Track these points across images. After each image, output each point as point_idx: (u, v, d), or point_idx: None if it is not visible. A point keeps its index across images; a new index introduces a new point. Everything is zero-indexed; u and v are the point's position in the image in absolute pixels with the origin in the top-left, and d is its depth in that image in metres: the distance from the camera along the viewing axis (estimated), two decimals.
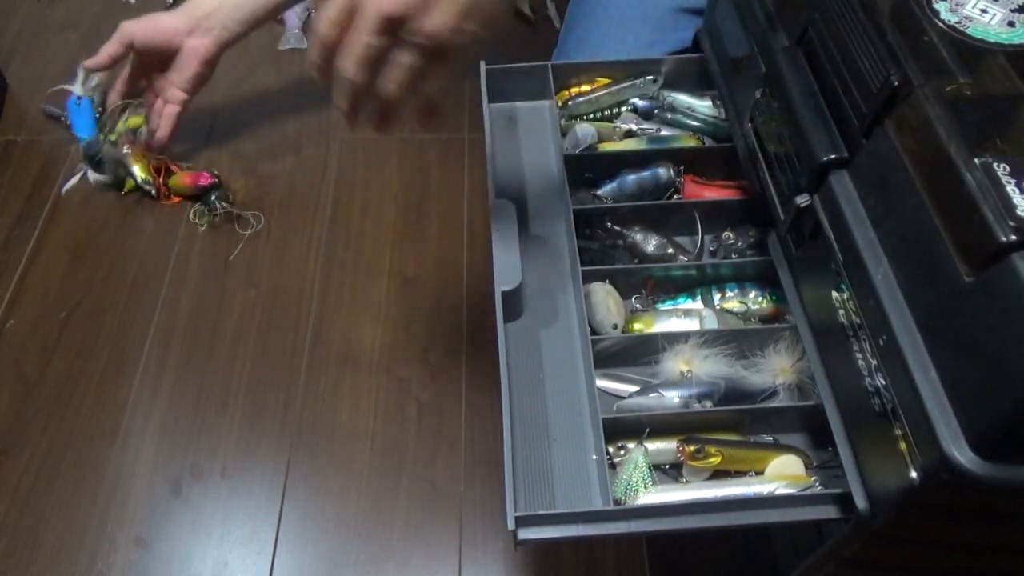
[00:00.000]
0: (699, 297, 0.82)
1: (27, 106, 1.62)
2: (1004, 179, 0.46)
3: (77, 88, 1.56)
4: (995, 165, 0.47)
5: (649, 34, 1.07)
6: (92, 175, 1.46)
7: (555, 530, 0.62)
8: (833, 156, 0.59)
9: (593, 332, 0.76)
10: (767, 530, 0.89)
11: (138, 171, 1.42)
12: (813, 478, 0.69)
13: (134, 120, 1.45)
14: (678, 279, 0.82)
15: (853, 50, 0.58)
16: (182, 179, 1.43)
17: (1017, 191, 0.45)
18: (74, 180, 1.46)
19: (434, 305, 1.31)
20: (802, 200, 0.63)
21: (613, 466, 0.70)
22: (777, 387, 0.73)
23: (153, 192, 1.42)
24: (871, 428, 0.56)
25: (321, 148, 1.53)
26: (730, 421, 0.73)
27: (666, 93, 0.95)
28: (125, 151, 1.43)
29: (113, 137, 1.43)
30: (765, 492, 0.67)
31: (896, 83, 0.53)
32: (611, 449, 0.71)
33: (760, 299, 0.80)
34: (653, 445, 0.71)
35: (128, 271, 1.36)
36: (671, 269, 0.82)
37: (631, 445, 0.70)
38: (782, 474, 0.69)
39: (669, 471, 0.72)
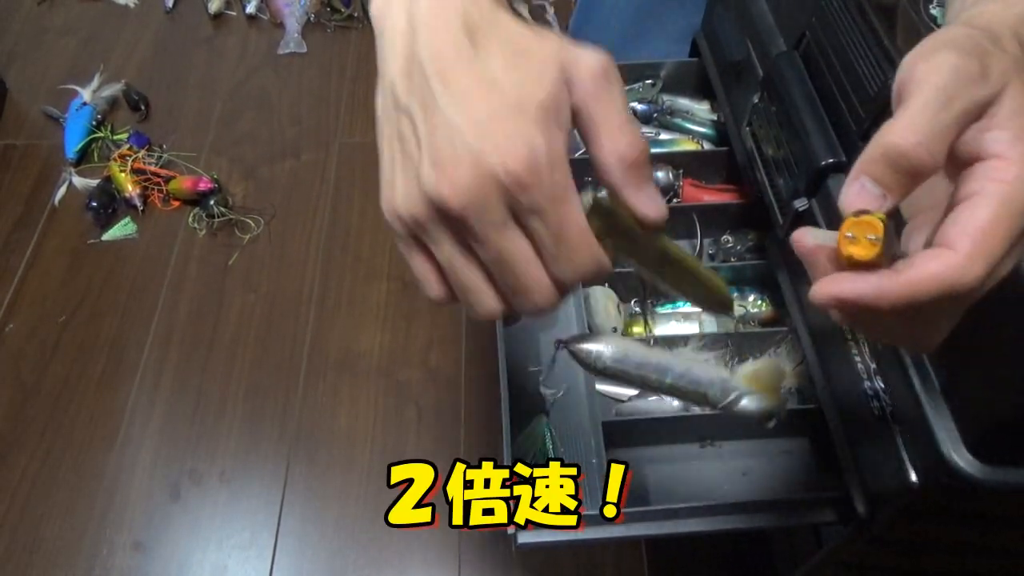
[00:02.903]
0: None
1: (26, 110, 1.62)
2: None
3: (87, 93, 1.57)
4: None
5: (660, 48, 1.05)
6: (78, 179, 1.46)
7: (554, 534, 0.62)
8: (831, 160, 0.60)
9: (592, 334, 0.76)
10: (766, 534, 0.89)
11: (123, 189, 1.43)
12: (785, 396, 0.54)
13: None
14: None
15: (850, 55, 0.58)
16: (182, 184, 1.43)
17: None
18: (62, 190, 1.47)
19: (433, 308, 1.31)
20: (800, 204, 0.63)
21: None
22: None
23: (141, 208, 1.43)
24: (870, 431, 0.56)
25: (320, 152, 1.53)
26: (729, 423, 0.73)
27: (665, 97, 0.96)
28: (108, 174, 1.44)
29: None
30: (732, 396, 0.52)
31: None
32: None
33: (759, 302, 0.80)
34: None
35: (127, 275, 1.36)
36: None
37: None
38: (755, 380, 0.59)
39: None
